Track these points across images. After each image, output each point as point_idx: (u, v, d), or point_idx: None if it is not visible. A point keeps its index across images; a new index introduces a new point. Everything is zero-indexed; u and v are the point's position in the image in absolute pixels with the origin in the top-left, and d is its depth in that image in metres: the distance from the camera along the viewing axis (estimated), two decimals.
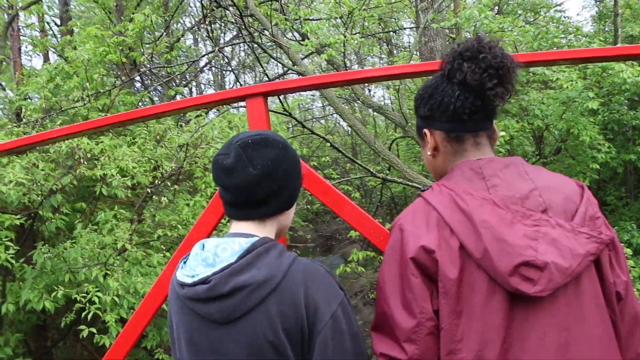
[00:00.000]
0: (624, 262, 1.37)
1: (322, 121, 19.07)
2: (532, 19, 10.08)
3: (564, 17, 9.89)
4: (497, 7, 10.24)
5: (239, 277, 1.22)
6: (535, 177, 1.35)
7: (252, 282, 1.21)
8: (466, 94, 1.37)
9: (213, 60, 13.00)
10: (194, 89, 15.63)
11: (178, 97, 8.64)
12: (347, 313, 1.28)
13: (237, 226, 1.37)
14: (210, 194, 5.62)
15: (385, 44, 15.03)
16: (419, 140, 1.57)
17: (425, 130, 1.48)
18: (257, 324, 1.21)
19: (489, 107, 1.40)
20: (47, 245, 4.82)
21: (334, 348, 1.23)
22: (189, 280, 1.27)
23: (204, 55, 9.10)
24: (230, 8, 5.70)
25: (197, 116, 5.97)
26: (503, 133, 5.87)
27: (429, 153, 1.49)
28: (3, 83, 8.26)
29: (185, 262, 1.35)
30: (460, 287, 1.25)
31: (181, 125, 6.59)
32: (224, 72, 16.59)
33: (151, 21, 5.75)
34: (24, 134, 5.32)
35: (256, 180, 1.29)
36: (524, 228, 1.24)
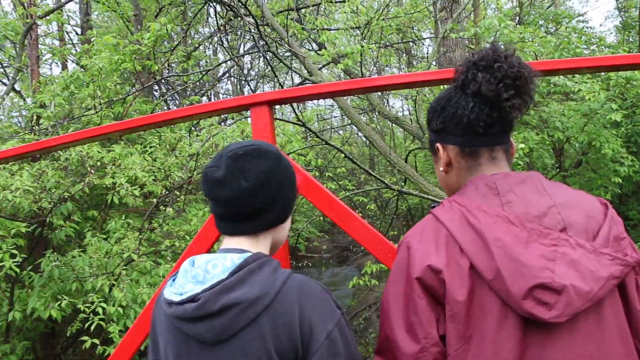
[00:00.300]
0: None
1: (341, 132, 19.00)
2: (554, 30, 9.92)
3: (587, 27, 9.72)
4: (517, 18, 10.11)
5: (230, 295, 1.15)
6: (554, 193, 1.26)
7: (244, 300, 1.15)
8: (481, 106, 1.29)
9: (232, 70, 13.05)
10: (213, 99, 15.71)
11: None
12: (344, 333, 1.21)
13: (229, 241, 1.31)
14: None
15: (404, 54, 14.97)
16: (432, 155, 1.48)
17: (438, 145, 1.40)
18: (249, 344, 1.15)
19: (506, 120, 1.32)
20: (55, 253, 4.80)
21: None
22: (176, 298, 1.21)
23: (218, 65, 9.10)
24: (247, 18, 5.68)
25: (210, 125, 5.95)
26: (522, 145, 5.73)
27: (441, 169, 1.42)
28: (22, 91, 8.36)
29: (174, 280, 1.29)
30: (470, 310, 1.17)
31: (197, 135, 6.57)
32: (242, 82, 16.65)
33: (167, 30, 5.75)
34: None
35: (248, 192, 1.24)
36: (540, 248, 1.15)
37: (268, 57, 6.03)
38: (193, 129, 7.07)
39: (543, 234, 1.16)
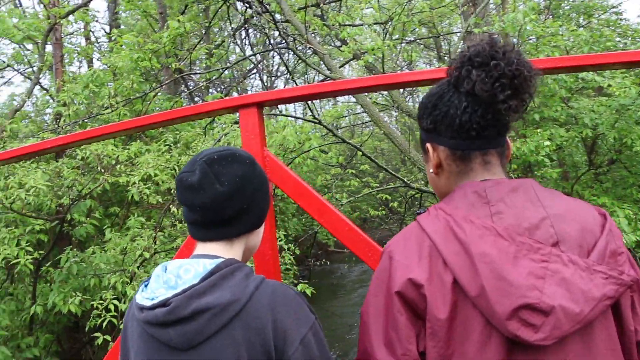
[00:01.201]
0: None
1: (372, 126, 18.79)
2: (586, 22, 9.57)
3: (621, 19, 9.34)
4: (547, 11, 9.79)
5: (201, 300, 1.14)
6: (549, 204, 1.16)
7: (215, 305, 1.14)
8: (475, 107, 1.18)
9: (259, 66, 13.07)
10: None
11: None
12: (318, 338, 1.20)
13: (202, 247, 1.30)
14: None
15: (435, 50, 14.74)
16: (422, 154, 1.39)
17: (428, 145, 1.30)
18: (220, 351, 1.13)
19: (501, 122, 1.21)
20: (75, 249, 4.88)
21: None
22: (148, 303, 1.19)
23: (236, 63, 9.10)
24: (265, 14, 5.63)
25: (222, 123, 5.96)
26: (548, 143, 5.54)
27: (431, 170, 1.31)
28: (51, 89, 8.55)
29: (146, 285, 1.27)
30: (451, 328, 1.09)
31: (220, 132, 6.56)
32: (273, 78, 16.67)
33: (184, 28, 5.77)
34: None
35: (225, 197, 1.23)
36: (529, 264, 1.06)
37: (288, 54, 5.98)
38: (216, 125, 7.08)
39: (533, 249, 1.07)
